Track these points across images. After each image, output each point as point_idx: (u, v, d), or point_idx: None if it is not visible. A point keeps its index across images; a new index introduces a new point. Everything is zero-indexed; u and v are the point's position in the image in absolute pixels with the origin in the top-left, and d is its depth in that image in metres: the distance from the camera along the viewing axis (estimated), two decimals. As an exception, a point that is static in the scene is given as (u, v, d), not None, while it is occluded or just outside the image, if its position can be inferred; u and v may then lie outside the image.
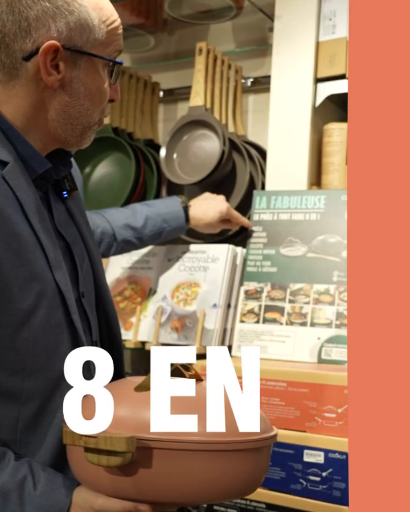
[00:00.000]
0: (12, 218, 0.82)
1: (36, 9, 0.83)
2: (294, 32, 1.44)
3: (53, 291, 0.85)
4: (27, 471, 0.79)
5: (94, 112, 0.91)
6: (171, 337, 1.42)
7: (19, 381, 0.83)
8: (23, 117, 0.88)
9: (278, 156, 1.46)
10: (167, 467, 0.72)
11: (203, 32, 1.72)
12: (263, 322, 1.35)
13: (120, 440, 0.70)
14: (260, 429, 0.76)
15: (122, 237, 1.35)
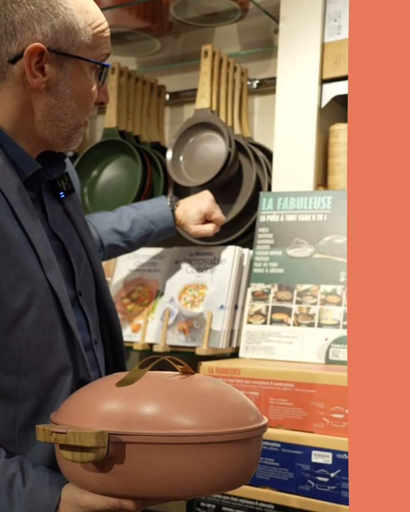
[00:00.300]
0: (1, 219, 0.83)
1: (21, 12, 0.84)
2: (299, 33, 1.45)
3: (46, 291, 0.86)
4: (17, 468, 0.80)
5: (81, 114, 0.92)
6: (179, 339, 1.43)
7: (14, 380, 0.84)
8: (11, 120, 0.89)
9: (284, 157, 1.47)
10: (148, 462, 0.71)
11: (208, 35, 1.72)
12: (271, 323, 1.35)
13: (89, 435, 0.70)
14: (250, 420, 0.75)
15: (108, 242, 1.33)
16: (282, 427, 1.16)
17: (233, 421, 0.74)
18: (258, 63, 1.66)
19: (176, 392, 0.75)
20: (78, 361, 0.89)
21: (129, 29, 1.65)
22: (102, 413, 0.73)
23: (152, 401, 0.73)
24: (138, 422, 0.71)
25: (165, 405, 0.73)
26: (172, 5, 1.54)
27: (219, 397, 0.77)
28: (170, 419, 0.72)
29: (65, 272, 0.93)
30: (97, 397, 0.76)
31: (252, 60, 1.67)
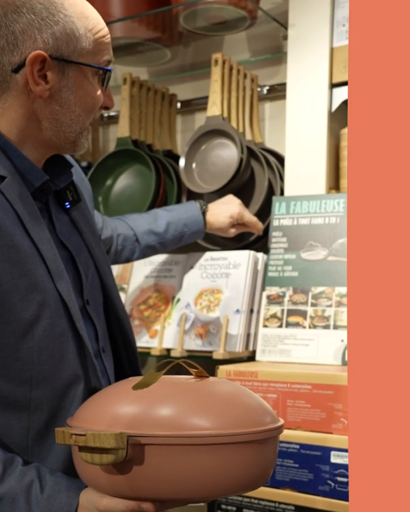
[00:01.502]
0: (10, 231, 0.83)
1: (21, 22, 0.85)
2: (308, 39, 1.46)
3: (56, 301, 0.86)
4: (34, 475, 0.80)
5: (86, 118, 0.92)
6: (196, 344, 1.44)
7: (26, 391, 0.84)
8: (17, 129, 0.90)
9: (296, 161, 1.48)
10: (167, 463, 0.71)
11: (218, 43, 1.74)
12: (286, 326, 1.36)
13: (108, 437, 0.70)
14: (266, 421, 0.76)
15: (145, 242, 1.37)
16: (301, 429, 1.17)
17: (250, 422, 0.75)
18: (268, 69, 1.68)
19: (192, 394, 0.76)
20: (89, 370, 0.89)
21: (140, 40, 1.68)
22: (119, 416, 0.74)
23: (169, 402, 0.74)
24: (155, 424, 0.72)
25: (182, 406, 0.73)
26: (182, 15, 1.56)
27: (235, 398, 0.77)
28: (187, 420, 0.72)
29: (74, 281, 0.94)
30: (114, 400, 0.77)
31: (262, 66, 1.69)
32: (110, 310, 1.03)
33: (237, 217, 1.44)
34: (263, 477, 0.77)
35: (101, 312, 1.01)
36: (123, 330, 1.04)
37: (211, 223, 1.43)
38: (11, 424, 0.85)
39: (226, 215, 1.43)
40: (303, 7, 1.47)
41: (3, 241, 0.83)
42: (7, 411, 0.85)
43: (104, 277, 1.02)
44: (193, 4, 1.51)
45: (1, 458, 0.80)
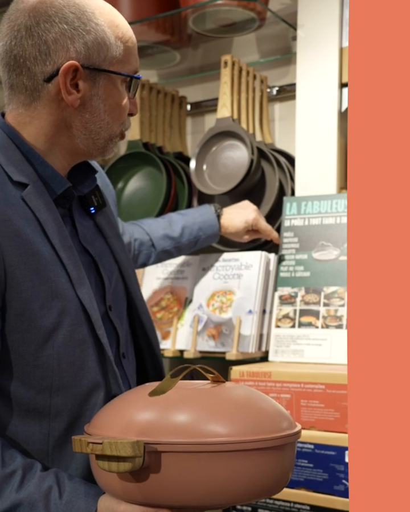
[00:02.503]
0: (30, 238, 0.84)
1: (54, 32, 0.85)
2: (317, 39, 1.46)
3: (76, 308, 0.86)
4: (53, 481, 0.80)
5: (115, 125, 0.93)
6: (208, 345, 1.44)
7: (46, 398, 0.85)
8: (45, 137, 0.90)
9: (307, 161, 1.48)
10: (184, 471, 0.71)
11: (227, 45, 1.75)
12: (299, 326, 1.36)
13: (125, 445, 0.70)
14: (283, 427, 0.75)
15: (161, 247, 1.37)
16: (315, 428, 1.17)
17: (267, 428, 0.74)
18: (277, 70, 1.68)
19: (209, 401, 0.76)
20: (110, 377, 0.90)
21: (149, 43, 1.69)
22: (136, 423, 0.73)
23: (186, 410, 0.74)
24: (172, 431, 0.72)
25: (199, 413, 0.73)
26: (191, 18, 1.57)
27: (252, 404, 0.77)
28: (205, 427, 0.72)
29: (96, 287, 0.94)
30: (131, 407, 0.76)
31: (271, 67, 1.69)
32: (134, 315, 1.03)
33: (252, 223, 1.43)
34: (281, 483, 0.77)
35: (124, 317, 1.00)
36: (147, 335, 1.04)
37: (226, 227, 1.43)
38: (31, 430, 0.85)
39: (241, 220, 1.42)
40: (312, 7, 1.47)
41: (24, 249, 0.83)
42: (28, 418, 0.85)
43: (128, 281, 1.02)
44: (202, 6, 1.52)
45: (21, 463, 0.80)
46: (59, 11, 0.86)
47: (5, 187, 0.85)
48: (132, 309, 1.03)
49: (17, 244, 0.83)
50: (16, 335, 0.83)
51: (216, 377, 0.84)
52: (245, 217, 1.42)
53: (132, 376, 1.00)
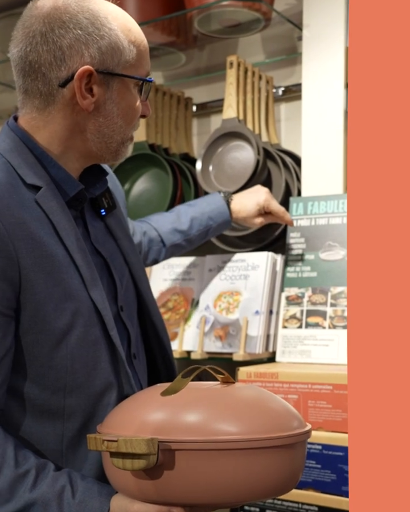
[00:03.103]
0: (44, 241, 0.85)
1: (68, 37, 0.86)
2: (323, 39, 1.46)
3: (89, 309, 0.87)
4: (66, 480, 0.81)
5: (127, 129, 0.94)
6: (215, 345, 1.44)
7: (60, 398, 0.86)
8: (59, 140, 0.91)
9: (313, 162, 1.48)
10: (197, 469, 0.72)
11: (232, 45, 1.75)
12: (306, 326, 1.36)
13: (140, 442, 0.71)
14: (293, 426, 0.76)
15: (170, 242, 1.34)
16: (322, 429, 1.16)
17: (278, 426, 0.75)
18: (283, 70, 1.68)
19: (221, 400, 0.77)
20: (122, 377, 0.90)
21: (155, 44, 1.69)
22: (149, 422, 0.74)
23: (198, 408, 0.75)
24: (185, 430, 0.73)
25: (212, 412, 0.74)
26: (196, 19, 1.57)
27: (263, 404, 0.78)
28: (217, 426, 0.73)
29: (108, 287, 0.95)
30: (144, 407, 0.77)
31: (277, 67, 1.69)
32: (144, 316, 1.03)
33: (263, 204, 1.36)
34: (292, 482, 0.77)
35: (135, 317, 1.01)
36: (158, 336, 1.04)
37: (237, 212, 1.37)
38: (45, 431, 0.86)
39: (252, 202, 1.36)
40: (318, 7, 1.47)
41: (38, 251, 0.84)
42: (42, 419, 0.86)
43: (139, 283, 1.03)
44: (208, 7, 1.52)
45: (34, 463, 0.81)
46: (73, 17, 0.87)
47: (19, 189, 0.86)
48: (144, 310, 1.03)
49: (31, 246, 0.83)
50: (30, 337, 0.84)
51: (226, 378, 0.84)
52: (257, 199, 1.37)
53: (144, 376, 1.01)
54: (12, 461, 0.80)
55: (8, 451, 0.80)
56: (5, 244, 0.81)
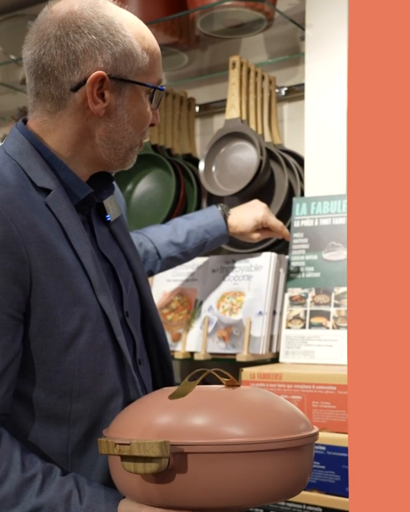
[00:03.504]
0: (55, 244, 0.84)
1: (83, 42, 0.86)
2: (326, 39, 1.46)
3: (97, 314, 0.87)
4: (73, 485, 0.80)
5: (136, 136, 0.94)
6: (219, 346, 1.44)
7: (67, 403, 0.85)
8: (68, 144, 0.91)
9: (316, 162, 1.47)
10: (208, 472, 0.71)
11: (235, 46, 1.75)
12: (310, 327, 1.35)
13: (153, 445, 0.70)
14: (301, 428, 0.76)
15: (166, 254, 1.34)
16: (327, 430, 1.16)
17: (288, 429, 0.75)
18: (286, 70, 1.68)
19: (229, 403, 0.77)
20: (129, 383, 0.90)
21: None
22: (158, 425, 0.74)
23: (208, 411, 0.74)
24: (195, 433, 0.72)
25: (221, 415, 0.74)
26: (199, 19, 1.57)
27: (271, 406, 0.78)
28: (227, 428, 0.73)
29: (114, 293, 0.94)
30: (152, 410, 0.77)
31: (279, 67, 1.69)
32: (146, 323, 1.03)
33: (261, 220, 1.38)
34: (300, 484, 0.78)
35: (138, 324, 1.01)
36: (159, 343, 1.04)
37: (234, 227, 1.38)
38: (51, 436, 0.86)
39: (250, 217, 1.37)
40: (320, 7, 1.47)
41: (49, 255, 0.83)
42: (48, 423, 0.86)
43: (142, 289, 1.03)
44: (210, 8, 1.52)
45: (40, 468, 0.81)
46: (88, 22, 0.87)
47: (29, 192, 0.86)
48: (145, 316, 1.03)
49: (42, 249, 0.83)
50: (39, 341, 0.84)
51: (231, 381, 0.84)
52: (254, 215, 1.38)
53: (148, 381, 1.00)
54: (18, 465, 0.79)
55: (14, 456, 0.80)
56: (18, 247, 0.81)
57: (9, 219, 0.81)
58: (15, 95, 2.08)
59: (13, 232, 0.81)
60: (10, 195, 0.83)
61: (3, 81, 2.06)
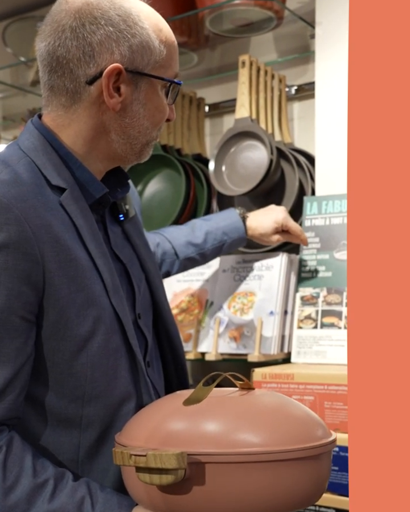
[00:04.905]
0: (69, 245, 0.82)
1: (99, 34, 0.84)
2: (336, 37, 1.45)
3: (111, 316, 0.85)
4: (85, 491, 0.78)
5: (153, 131, 0.91)
6: (230, 347, 1.43)
7: (78, 407, 0.83)
8: (83, 140, 0.89)
9: (327, 160, 1.46)
10: (225, 482, 0.70)
11: (244, 45, 1.74)
12: (321, 327, 1.34)
13: (170, 457, 0.68)
14: (319, 435, 0.75)
15: (184, 255, 1.31)
16: (339, 431, 1.15)
17: (306, 437, 0.74)
18: (296, 69, 1.67)
19: (245, 409, 0.74)
20: (142, 387, 0.88)
21: (166, 45, 1.68)
22: (174, 433, 0.72)
23: (224, 419, 0.72)
24: (212, 442, 0.70)
25: (238, 423, 0.72)
26: (208, 19, 1.57)
27: (288, 412, 0.76)
28: (244, 437, 0.71)
29: (127, 294, 0.92)
30: (166, 417, 0.75)
31: (289, 66, 1.68)
32: (159, 325, 1.01)
33: (282, 222, 1.34)
34: (319, 492, 0.76)
35: (150, 326, 0.99)
36: (173, 345, 1.02)
37: (254, 228, 1.34)
38: (61, 440, 0.84)
39: (270, 219, 1.34)
40: (330, 4, 1.46)
41: (63, 255, 0.82)
42: (59, 428, 0.84)
43: (155, 291, 1.01)
44: (219, 7, 1.51)
45: (52, 473, 0.79)
46: (105, 13, 0.85)
47: (44, 191, 0.84)
48: (159, 318, 1.01)
49: (56, 250, 0.81)
50: (51, 343, 0.82)
51: (245, 384, 0.82)
52: (275, 217, 1.35)
53: (159, 385, 0.99)
54: (30, 471, 0.78)
55: (26, 461, 0.78)
56: (32, 248, 0.79)
57: (23, 219, 0.79)
58: (25, 97, 2.08)
59: (27, 233, 0.79)
60: (24, 194, 0.81)
61: (13, 83, 2.06)
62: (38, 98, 2.02)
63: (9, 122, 2.18)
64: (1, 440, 0.79)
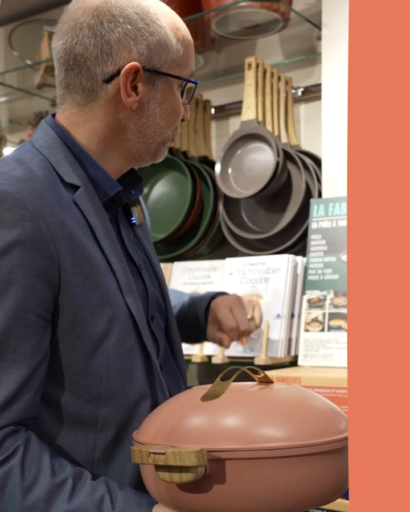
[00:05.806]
0: (83, 242, 0.81)
1: (117, 32, 0.83)
2: (342, 38, 1.44)
3: (125, 315, 0.84)
4: (104, 490, 0.77)
5: (168, 130, 0.90)
6: (237, 350, 1.42)
7: (94, 408, 0.82)
8: (98, 139, 0.88)
9: (333, 162, 1.46)
10: (246, 478, 0.68)
11: (250, 47, 1.74)
12: (328, 330, 1.34)
13: (190, 454, 0.66)
14: (342, 428, 0.72)
15: None
16: (347, 434, 1.14)
17: (329, 430, 0.71)
18: (302, 71, 1.67)
19: (266, 403, 0.73)
20: (157, 387, 0.87)
21: (172, 47, 1.68)
22: (193, 430, 0.71)
23: (244, 414, 0.71)
24: (232, 438, 0.69)
25: (258, 417, 0.70)
26: (214, 21, 1.56)
27: (309, 405, 0.74)
28: (265, 432, 0.69)
29: (141, 295, 0.91)
30: (184, 413, 0.73)
31: (296, 68, 1.67)
32: (167, 333, 1.00)
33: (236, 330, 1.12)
34: (342, 488, 0.73)
35: (163, 330, 0.98)
36: (175, 355, 1.00)
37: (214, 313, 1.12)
38: (77, 442, 0.83)
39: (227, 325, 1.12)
40: (336, 6, 1.45)
41: (77, 253, 0.81)
42: (74, 429, 0.83)
43: (166, 298, 1.00)
44: (225, 9, 1.51)
45: (71, 472, 0.78)
46: (123, 11, 0.84)
47: (58, 188, 0.83)
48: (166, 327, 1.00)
49: (71, 247, 0.80)
50: (66, 342, 0.81)
51: (264, 377, 0.80)
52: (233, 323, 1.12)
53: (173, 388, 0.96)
54: (48, 470, 0.77)
55: (44, 460, 0.77)
56: (47, 244, 0.78)
57: (38, 216, 0.78)
58: (31, 100, 2.08)
59: (42, 229, 0.78)
60: (39, 191, 0.80)
61: (19, 86, 2.06)
62: (44, 101, 2.02)
63: (16, 124, 2.19)
64: (19, 439, 0.78)
